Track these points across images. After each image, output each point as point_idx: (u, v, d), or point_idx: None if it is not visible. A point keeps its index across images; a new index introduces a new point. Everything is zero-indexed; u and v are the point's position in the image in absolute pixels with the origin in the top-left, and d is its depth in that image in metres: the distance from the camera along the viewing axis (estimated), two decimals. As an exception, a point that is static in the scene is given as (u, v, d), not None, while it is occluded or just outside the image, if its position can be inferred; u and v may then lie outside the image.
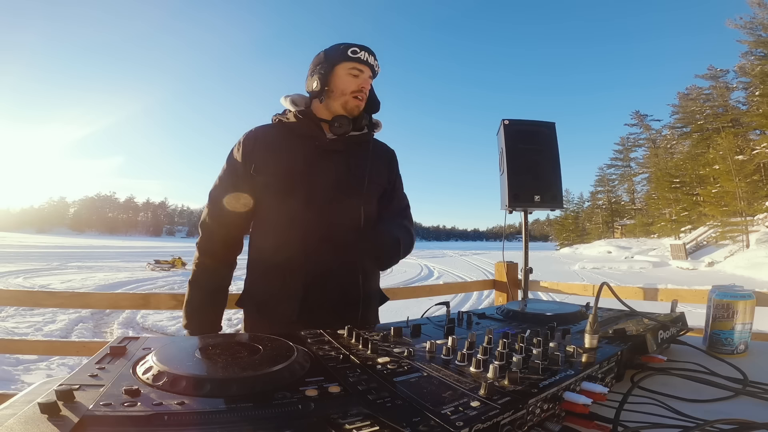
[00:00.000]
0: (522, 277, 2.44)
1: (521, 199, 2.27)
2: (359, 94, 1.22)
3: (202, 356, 0.58)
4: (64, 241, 49.43)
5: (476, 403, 0.48)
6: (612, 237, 45.24)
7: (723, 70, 32.41)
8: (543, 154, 2.34)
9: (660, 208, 37.36)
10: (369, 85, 1.25)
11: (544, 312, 1.02)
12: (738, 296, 0.93)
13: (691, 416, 0.58)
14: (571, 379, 0.59)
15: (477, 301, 8.91)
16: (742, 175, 25.35)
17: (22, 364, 4.19)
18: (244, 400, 0.46)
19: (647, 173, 43.35)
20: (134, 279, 13.04)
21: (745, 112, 29.38)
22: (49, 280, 11.88)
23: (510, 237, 2.93)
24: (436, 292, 2.60)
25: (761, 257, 18.02)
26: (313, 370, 0.58)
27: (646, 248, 30.80)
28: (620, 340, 0.80)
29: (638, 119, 44.77)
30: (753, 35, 26.92)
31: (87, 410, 0.41)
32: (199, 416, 0.43)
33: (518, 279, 2.55)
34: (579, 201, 56.28)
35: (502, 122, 2.35)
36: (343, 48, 1.21)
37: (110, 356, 0.59)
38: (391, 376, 0.57)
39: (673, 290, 2.08)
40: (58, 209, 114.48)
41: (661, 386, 0.71)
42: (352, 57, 1.19)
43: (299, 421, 0.42)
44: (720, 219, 25.54)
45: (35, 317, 6.58)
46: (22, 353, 4.01)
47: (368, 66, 1.22)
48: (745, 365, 0.82)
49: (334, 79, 1.21)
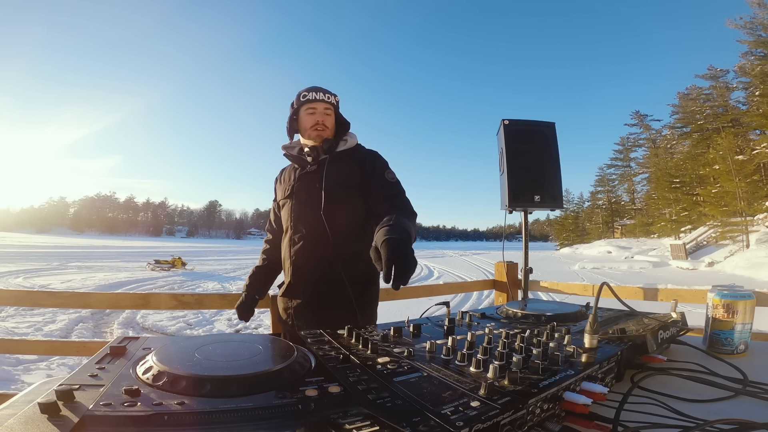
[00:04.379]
0: (522, 277, 2.44)
1: (521, 199, 2.27)
2: (317, 126, 1.54)
3: (202, 356, 0.58)
4: (64, 241, 49.44)
5: (476, 403, 0.48)
6: (612, 237, 45.21)
7: (723, 70, 32.41)
8: (543, 154, 2.34)
9: (660, 208, 37.33)
10: (327, 116, 1.55)
11: (544, 312, 1.02)
12: (738, 296, 0.93)
13: (691, 416, 0.58)
14: (571, 379, 0.59)
15: (477, 301, 8.91)
16: (742, 175, 25.32)
17: (22, 364, 4.19)
18: (244, 400, 0.46)
19: (647, 173, 43.33)
20: (134, 279, 13.04)
21: (745, 112, 29.36)
22: (49, 280, 11.88)
23: (510, 237, 2.93)
24: (436, 292, 2.61)
25: (761, 257, 18.00)
26: (313, 370, 0.58)
27: (646, 248, 30.78)
28: (620, 340, 0.79)
29: (638, 119, 44.73)
30: (753, 35, 26.90)
31: (87, 410, 0.41)
32: (199, 416, 0.43)
33: (518, 279, 2.55)
34: (579, 201, 56.25)
35: (502, 122, 2.35)
36: (298, 95, 1.57)
37: (110, 356, 0.59)
38: (391, 376, 0.57)
39: (673, 290, 2.08)
40: (58, 209, 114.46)
41: (661, 386, 0.71)
42: (303, 101, 1.55)
43: (299, 421, 0.42)
44: (720, 219, 25.52)
45: (35, 317, 6.58)
46: (22, 353, 4.01)
47: (319, 102, 1.54)
48: (745, 365, 0.82)
49: (300, 120, 1.59)
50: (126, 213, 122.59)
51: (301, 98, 1.55)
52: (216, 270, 17.29)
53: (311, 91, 1.55)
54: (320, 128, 1.53)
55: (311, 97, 1.54)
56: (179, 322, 6.91)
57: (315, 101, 1.54)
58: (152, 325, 6.72)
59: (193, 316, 7.22)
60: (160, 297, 2.05)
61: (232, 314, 7.23)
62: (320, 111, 1.54)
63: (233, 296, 2.00)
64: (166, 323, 6.80)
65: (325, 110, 1.55)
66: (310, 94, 1.54)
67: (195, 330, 6.62)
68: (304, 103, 1.54)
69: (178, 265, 17.07)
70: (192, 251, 25.10)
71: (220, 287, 12.29)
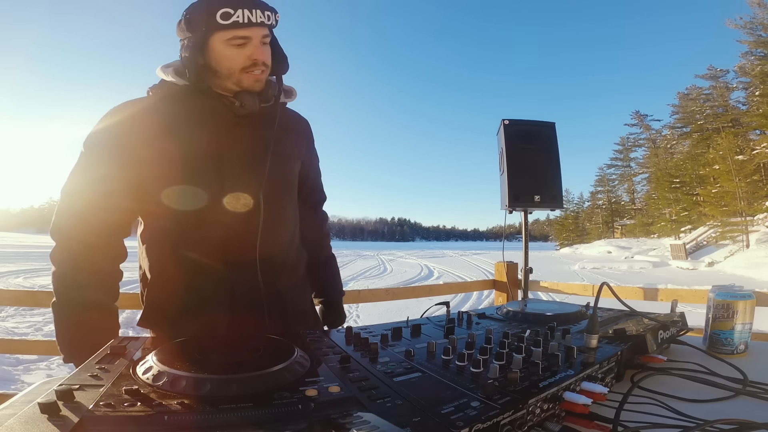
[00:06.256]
0: (522, 277, 2.44)
1: (521, 199, 2.28)
2: (253, 69, 0.96)
3: (202, 356, 0.58)
4: (64, 241, 49.30)
5: (476, 403, 0.48)
6: (612, 237, 45.21)
7: (723, 70, 32.42)
8: (543, 154, 2.34)
9: (660, 208, 37.35)
10: (266, 50, 0.98)
11: (544, 312, 1.02)
12: (738, 296, 0.93)
13: (691, 416, 0.58)
14: (571, 379, 0.59)
15: (477, 301, 8.90)
16: (742, 175, 25.33)
17: (22, 364, 4.19)
18: (244, 400, 0.46)
19: (647, 173, 43.35)
20: (134, 279, 12.84)
21: (745, 112, 29.38)
22: (49, 280, 11.70)
23: (510, 237, 2.93)
24: (436, 292, 2.61)
25: (761, 257, 18.01)
26: (313, 370, 0.58)
27: (646, 248, 30.78)
28: (620, 340, 0.80)
29: (638, 119, 44.74)
30: (753, 35, 26.91)
31: (87, 410, 0.41)
32: (199, 416, 0.42)
33: (518, 279, 2.55)
34: (579, 201, 56.27)
35: (502, 122, 2.35)
36: (210, 11, 0.90)
37: (110, 356, 0.59)
38: (391, 376, 0.57)
39: (673, 290, 2.09)
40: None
41: (661, 386, 0.71)
42: (227, 24, 0.90)
43: (299, 421, 0.42)
44: (720, 219, 25.53)
45: (35, 317, 6.57)
46: (22, 353, 4.01)
47: (255, 26, 0.92)
48: (745, 365, 0.82)
49: (213, 55, 0.94)
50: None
51: (219, 19, 0.89)
52: (216, 270, 17.22)
53: (239, 6, 0.89)
54: (260, 69, 0.97)
55: (241, 19, 0.90)
56: (179, 322, 6.90)
57: (249, 25, 0.91)
58: (152, 325, 6.71)
59: (193, 316, 7.20)
60: (160, 297, 2.05)
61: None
62: (256, 42, 0.94)
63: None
64: (166, 323, 6.79)
65: (264, 39, 0.96)
66: (237, 13, 0.89)
67: (195, 330, 6.60)
68: (227, 28, 0.91)
69: (178, 265, 17.04)
70: (192, 251, 25.08)
71: (220, 287, 12.25)
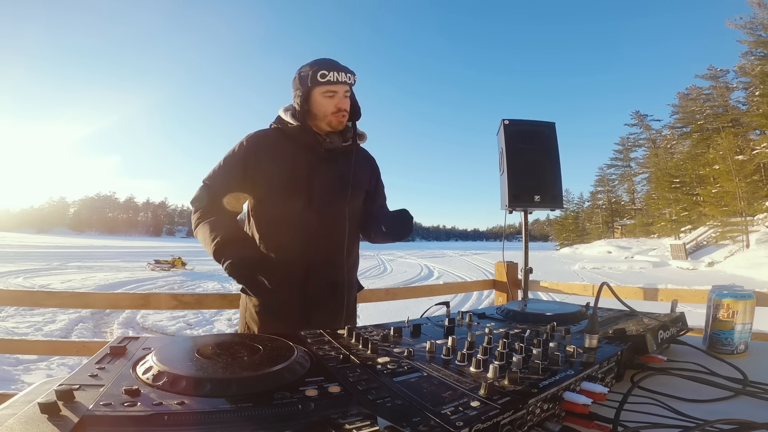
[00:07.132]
0: (522, 277, 2.44)
1: (521, 199, 2.28)
2: (338, 114, 1.33)
3: (202, 356, 0.58)
4: (64, 241, 49.41)
5: (476, 403, 0.48)
6: (612, 237, 45.21)
7: (723, 70, 32.44)
8: (543, 154, 2.34)
9: (660, 208, 37.35)
10: (347, 101, 1.34)
11: (544, 312, 1.02)
12: (738, 296, 0.93)
13: (691, 416, 0.58)
14: (571, 379, 0.59)
15: (477, 301, 8.91)
16: (742, 175, 25.34)
17: (22, 364, 4.19)
18: (244, 400, 0.46)
19: (647, 173, 43.36)
20: (134, 279, 13.03)
21: (745, 112, 29.38)
22: (49, 280, 11.87)
23: (510, 237, 2.93)
24: (436, 292, 2.61)
25: (761, 257, 18.01)
26: (313, 370, 0.58)
27: (646, 248, 30.78)
28: (620, 340, 0.80)
29: (638, 119, 44.75)
30: (753, 35, 26.92)
31: (87, 410, 0.41)
32: (199, 416, 0.42)
33: (518, 279, 2.55)
34: (579, 201, 56.28)
35: (502, 122, 2.35)
36: (313, 72, 1.29)
37: (110, 356, 0.59)
38: (391, 376, 0.57)
39: (673, 290, 2.09)
40: (58, 209, 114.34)
41: (661, 386, 0.71)
42: (322, 81, 1.29)
43: (299, 421, 0.42)
44: (720, 219, 25.54)
45: (35, 317, 6.58)
46: (22, 353, 4.01)
47: (340, 84, 1.30)
48: (745, 365, 0.82)
49: (313, 103, 1.33)
50: (126, 213, 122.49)
51: (319, 77, 1.28)
52: (216, 270, 17.25)
53: (332, 70, 1.28)
54: (342, 114, 1.34)
55: (332, 78, 1.28)
56: (179, 322, 6.90)
57: (336, 83, 1.29)
58: (152, 325, 6.72)
59: (193, 316, 7.21)
60: (160, 297, 2.05)
61: (233, 314, 7.22)
62: (341, 95, 1.32)
63: (233, 296, 2.00)
64: (166, 323, 6.80)
65: (346, 93, 1.33)
66: (330, 74, 1.28)
67: (195, 330, 6.61)
68: (323, 84, 1.29)
69: (178, 265, 17.05)
70: (192, 251, 25.11)
71: (220, 287, 12.27)
